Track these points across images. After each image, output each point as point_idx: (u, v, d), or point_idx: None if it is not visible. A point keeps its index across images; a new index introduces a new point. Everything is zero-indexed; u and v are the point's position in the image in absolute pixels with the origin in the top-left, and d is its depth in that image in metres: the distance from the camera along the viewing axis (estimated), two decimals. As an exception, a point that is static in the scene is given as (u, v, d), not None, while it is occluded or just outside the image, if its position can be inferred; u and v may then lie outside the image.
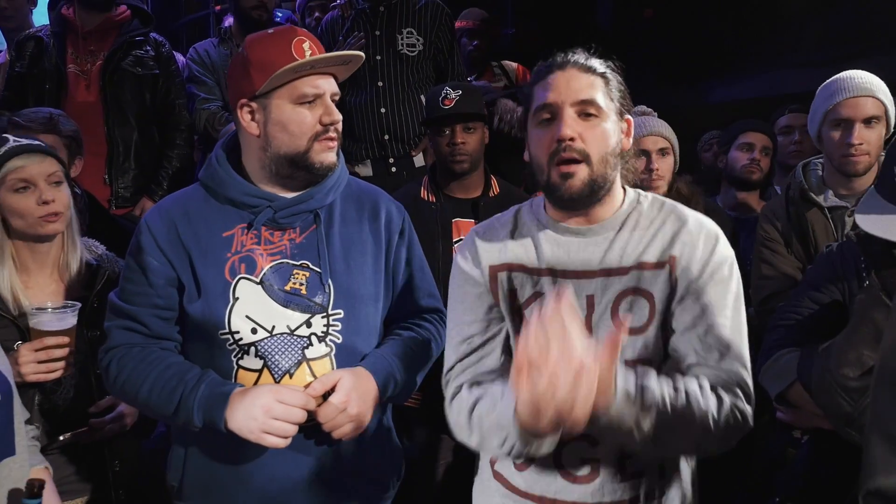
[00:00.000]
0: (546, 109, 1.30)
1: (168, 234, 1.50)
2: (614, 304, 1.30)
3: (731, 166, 2.79)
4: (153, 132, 2.91)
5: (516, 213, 1.44)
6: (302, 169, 1.49)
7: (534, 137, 1.33)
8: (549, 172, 1.29)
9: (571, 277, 1.32)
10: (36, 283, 1.72)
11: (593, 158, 1.27)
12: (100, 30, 2.86)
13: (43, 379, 1.61)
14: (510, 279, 1.36)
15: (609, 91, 1.32)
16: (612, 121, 1.31)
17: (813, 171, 2.14)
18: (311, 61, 1.44)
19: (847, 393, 1.35)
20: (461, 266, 1.41)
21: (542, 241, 1.36)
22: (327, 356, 1.48)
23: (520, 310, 1.36)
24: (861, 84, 2.00)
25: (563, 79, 1.30)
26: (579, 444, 1.30)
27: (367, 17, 3.04)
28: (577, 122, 1.28)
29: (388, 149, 3.04)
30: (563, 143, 1.26)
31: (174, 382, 1.43)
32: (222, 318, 1.45)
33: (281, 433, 1.37)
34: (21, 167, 1.67)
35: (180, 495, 1.55)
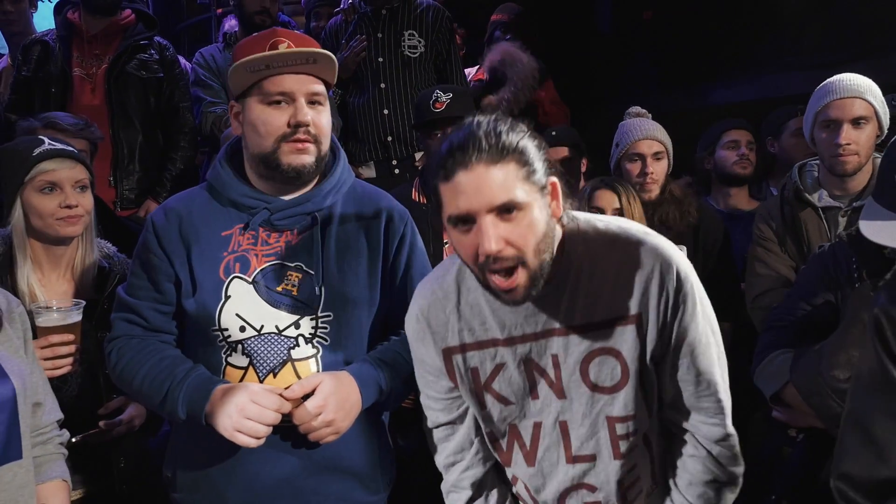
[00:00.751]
0: (461, 220, 1.16)
1: (169, 231, 1.53)
2: (582, 365, 1.26)
3: (720, 165, 2.83)
4: (157, 135, 2.95)
5: (457, 276, 1.33)
6: (272, 169, 1.49)
7: (456, 241, 1.19)
8: (485, 279, 1.19)
9: (531, 341, 1.27)
10: (48, 282, 1.77)
11: (527, 256, 1.15)
12: (105, 34, 2.90)
13: (49, 375, 1.63)
14: (466, 360, 1.32)
15: (527, 170, 1.15)
16: (538, 205, 1.16)
17: (809, 171, 2.17)
18: (269, 55, 1.43)
19: (837, 395, 1.37)
20: (415, 347, 1.38)
21: (491, 306, 1.28)
22: (313, 357, 1.49)
23: (485, 387, 1.32)
24: (849, 86, 2.03)
25: (471, 182, 1.12)
26: (579, 492, 1.33)
27: (370, 20, 3.08)
28: (498, 226, 1.13)
29: (392, 150, 3.07)
30: (491, 258, 1.14)
31: (164, 374, 1.47)
32: (213, 314, 1.48)
33: (252, 433, 1.38)
34: (51, 170, 1.71)
35: (174, 486, 1.58)
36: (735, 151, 2.79)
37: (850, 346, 1.40)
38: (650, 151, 2.45)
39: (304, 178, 1.52)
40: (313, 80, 1.49)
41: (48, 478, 1.46)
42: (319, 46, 1.54)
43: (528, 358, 1.28)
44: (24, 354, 1.44)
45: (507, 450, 1.36)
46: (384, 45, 3.04)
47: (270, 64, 1.45)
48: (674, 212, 2.38)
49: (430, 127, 2.32)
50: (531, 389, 1.30)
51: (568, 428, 1.30)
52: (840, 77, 2.07)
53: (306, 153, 1.48)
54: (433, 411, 1.43)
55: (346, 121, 3.12)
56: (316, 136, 1.49)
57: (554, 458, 1.32)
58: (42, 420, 1.48)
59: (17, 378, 1.34)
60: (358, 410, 1.48)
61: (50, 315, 1.64)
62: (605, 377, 1.25)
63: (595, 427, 1.29)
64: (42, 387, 1.48)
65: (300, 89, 1.47)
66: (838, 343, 1.42)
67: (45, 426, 1.49)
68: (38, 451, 1.46)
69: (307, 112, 1.47)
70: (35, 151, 1.71)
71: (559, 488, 1.34)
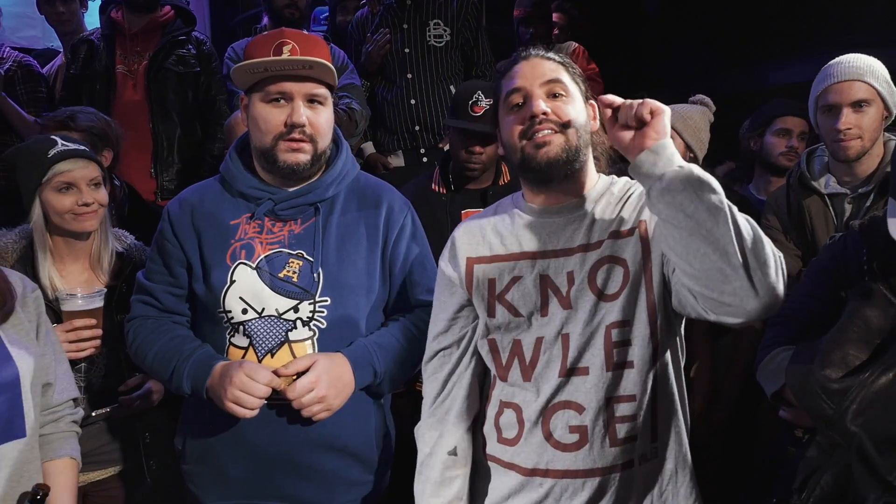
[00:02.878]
0: (516, 93, 1.37)
1: (183, 220, 1.64)
2: (590, 274, 1.34)
3: (766, 152, 2.66)
4: (195, 127, 3.05)
5: (499, 205, 1.51)
6: (272, 164, 1.58)
7: (506, 124, 1.40)
8: (522, 148, 1.36)
9: (551, 257, 1.38)
10: (70, 273, 1.87)
11: (568, 129, 1.35)
12: (145, 31, 3.02)
13: (74, 357, 1.75)
14: (486, 270, 1.42)
15: (572, 76, 1.41)
16: (579, 101, 1.40)
17: (818, 157, 2.11)
18: (267, 61, 1.52)
19: (828, 395, 1.30)
20: (440, 265, 1.50)
21: (520, 224, 1.43)
22: (309, 339, 1.56)
23: (498, 298, 1.41)
24: (847, 69, 1.96)
25: (527, 66, 1.39)
26: (566, 413, 1.34)
27: (395, 11, 3.12)
28: (547, 100, 1.36)
29: (420, 139, 3.11)
30: (538, 118, 1.33)
31: (172, 352, 1.57)
32: (219, 297, 1.57)
33: (246, 404, 1.47)
34: (67, 171, 1.80)
35: (183, 457, 1.69)
36: (785, 141, 2.60)
37: (847, 343, 1.32)
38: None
39: (300, 175, 1.60)
40: (313, 82, 1.56)
41: (57, 455, 1.53)
42: (324, 48, 1.61)
43: (545, 274, 1.37)
44: (36, 338, 1.50)
45: (507, 364, 1.41)
46: (410, 36, 3.09)
47: (269, 68, 1.53)
48: None
49: (461, 132, 2.26)
50: (542, 306, 1.37)
51: (569, 340, 1.34)
52: (839, 59, 2.00)
53: (301, 152, 1.56)
54: (435, 336, 1.49)
55: (375, 111, 3.15)
56: (312, 135, 1.57)
57: (550, 374, 1.36)
58: (53, 399, 1.55)
59: (23, 361, 1.41)
60: (351, 390, 1.54)
61: (74, 301, 1.76)
62: (611, 284, 1.33)
63: (593, 337, 1.33)
64: (54, 368, 1.55)
65: (298, 90, 1.54)
66: (835, 340, 1.34)
67: (56, 405, 1.56)
68: (49, 428, 1.53)
69: (303, 113, 1.54)
70: (50, 153, 1.79)
71: (545, 404, 1.35)
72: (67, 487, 1.52)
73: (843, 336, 1.33)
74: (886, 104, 1.98)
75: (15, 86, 3.08)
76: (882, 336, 1.31)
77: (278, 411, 1.55)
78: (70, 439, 1.58)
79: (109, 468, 1.88)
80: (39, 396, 1.47)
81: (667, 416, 1.36)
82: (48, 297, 1.78)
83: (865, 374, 1.27)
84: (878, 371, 1.26)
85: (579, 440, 1.33)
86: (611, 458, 1.32)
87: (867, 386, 1.26)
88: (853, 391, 1.26)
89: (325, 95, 1.58)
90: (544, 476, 1.35)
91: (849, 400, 1.26)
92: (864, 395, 1.26)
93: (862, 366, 1.30)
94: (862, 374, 1.27)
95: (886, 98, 1.97)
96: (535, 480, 1.36)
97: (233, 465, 1.60)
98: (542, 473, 1.35)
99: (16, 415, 1.38)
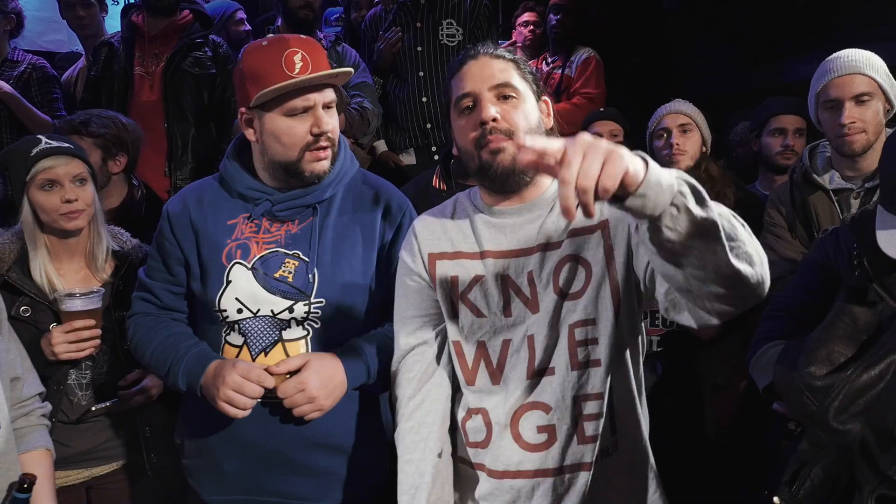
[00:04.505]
0: (466, 98, 1.36)
1: (181, 219, 1.66)
2: (553, 274, 1.33)
3: (765, 152, 2.69)
4: (210, 128, 3.10)
5: (455, 200, 1.50)
6: (294, 176, 1.59)
7: (458, 128, 1.39)
8: (478, 156, 1.35)
9: (510, 257, 1.37)
10: (67, 271, 1.90)
11: (517, 134, 1.32)
12: (164, 34, 3.08)
13: (74, 357, 1.79)
14: (448, 267, 1.42)
15: (523, 74, 1.38)
16: (530, 101, 1.37)
17: (821, 153, 2.09)
18: (297, 82, 1.50)
19: (811, 392, 1.31)
20: (403, 258, 1.49)
21: (479, 224, 1.42)
22: (303, 339, 1.58)
23: (461, 297, 1.40)
24: (847, 63, 1.93)
25: (476, 67, 1.37)
26: (534, 413, 1.34)
27: (409, 9, 3.17)
28: (496, 104, 1.34)
29: (431, 137, 3.16)
30: (488, 126, 1.31)
31: (169, 349, 1.60)
32: (215, 297, 1.59)
33: (237, 404, 1.49)
34: (49, 168, 1.81)
35: (182, 452, 1.72)
36: (780, 140, 2.63)
37: (833, 340, 1.31)
38: (675, 124, 2.44)
39: (322, 180, 1.61)
40: (328, 89, 1.58)
41: (31, 447, 1.56)
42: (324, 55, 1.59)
43: (505, 274, 1.37)
44: (0, 334, 1.52)
45: (473, 367, 1.40)
46: (423, 35, 3.13)
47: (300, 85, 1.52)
48: (708, 191, 2.24)
49: None
50: (505, 307, 1.37)
51: (534, 341, 1.34)
52: (838, 54, 1.97)
53: (326, 160, 1.59)
54: (406, 335, 1.47)
55: (387, 109, 3.17)
56: (333, 140, 1.59)
57: (517, 376, 1.36)
58: (23, 393, 1.57)
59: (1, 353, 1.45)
60: (343, 390, 1.54)
61: (73, 302, 1.78)
62: (572, 283, 1.32)
63: (556, 336, 1.33)
64: (20, 363, 1.58)
65: (319, 100, 1.55)
66: (821, 336, 1.33)
67: (25, 398, 1.58)
68: (21, 422, 1.56)
69: (328, 121, 1.56)
70: (33, 151, 1.81)
71: (514, 406, 1.35)
72: (46, 476, 1.54)
73: (830, 333, 1.33)
74: (888, 96, 1.95)
75: (30, 87, 3.17)
76: (869, 333, 1.31)
77: (272, 409, 1.57)
78: (42, 431, 1.60)
79: (112, 463, 1.92)
80: (8, 391, 1.49)
81: (625, 410, 1.36)
82: (46, 298, 1.81)
83: (848, 372, 1.27)
84: (861, 368, 1.26)
85: (548, 439, 1.33)
86: (579, 456, 1.33)
87: (849, 383, 1.26)
88: (836, 388, 1.27)
89: (335, 100, 1.60)
90: (514, 478, 1.35)
91: (831, 397, 1.26)
92: (847, 393, 1.26)
93: (846, 363, 1.30)
94: (845, 371, 1.28)
95: (887, 90, 1.94)
96: (504, 483, 1.36)
97: (228, 460, 1.62)
98: (512, 475, 1.36)
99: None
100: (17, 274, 1.81)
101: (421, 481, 1.40)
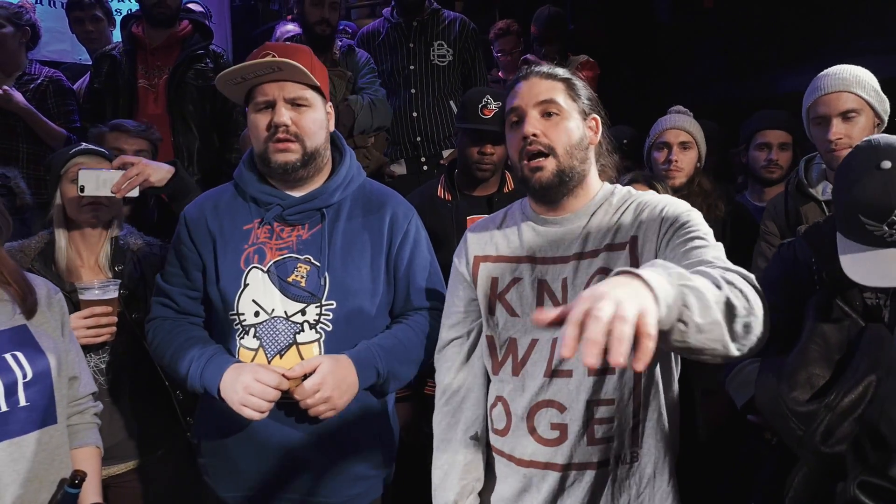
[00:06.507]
0: (513, 113, 1.47)
1: (198, 225, 1.72)
2: (586, 284, 1.41)
3: (751, 165, 2.76)
4: (213, 139, 3.13)
5: (508, 209, 1.60)
6: (267, 167, 1.68)
7: (509, 140, 1.50)
8: (521, 168, 1.45)
9: (549, 263, 1.46)
10: (86, 263, 1.99)
11: (558, 151, 1.41)
12: (165, 45, 3.10)
13: (92, 342, 1.86)
14: (490, 269, 1.52)
15: (571, 93, 1.46)
16: (575, 119, 1.45)
17: (816, 165, 2.15)
18: (235, 68, 1.62)
19: (797, 418, 1.35)
20: (454, 259, 1.60)
21: (524, 230, 1.52)
22: (316, 342, 1.63)
23: (498, 297, 1.49)
24: (834, 81, 1.99)
25: (526, 86, 1.46)
26: (549, 411, 1.42)
27: (402, 30, 3.32)
28: (539, 121, 1.43)
29: (420, 149, 3.32)
30: (528, 139, 1.41)
31: (188, 353, 1.65)
32: (232, 300, 1.65)
33: (256, 407, 1.53)
34: (80, 163, 1.95)
35: (200, 452, 1.77)
36: (765, 154, 2.68)
37: (810, 363, 1.36)
38: (676, 140, 2.51)
39: (294, 175, 1.67)
40: (293, 85, 1.64)
41: (83, 444, 1.62)
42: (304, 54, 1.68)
43: (542, 279, 1.45)
44: (62, 335, 1.59)
45: (501, 361, 1.50)
46: (415, 54, 3.29)
47: (245, 76, 1.62)
48: (700, 204, 2.35)
49: (473, 134, 2.33)
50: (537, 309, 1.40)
51: (557, 344, 1.37)
52: (827, 72, 2.04)
53: (289, 151, 1.64)
54: (447, 328, 1.59)
55: None
56: (297, 134, 1.64)
57: (536, 372, 1.44)
58: (79, 391, 1.64)
59: (52, 354, 1.50)
60: (355, 390, 1.61)
61: (92, 291, 1.86)
62: None
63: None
64: (78, 363, 1.64)
65: (278, 95, 1.63)
66: (798, 360, 1.38)
67: (81, 397, 1.65)
68: (75, 419, 1.62)
69: (283, 113, 1.63)
70: (72, 150, 1.98)
71: (533, 402, 1.43)
72: (95, 473, 1.61)
73: (806, 356, 1.38)
74: (876, 112, 2.00)
75: (46, 100, 3.21)
76: (841, 351, 1.37)
77: (287, 410, 1.63)
78: (93, 429, 1.67)
79: (129, 462, 1.97)
80: (66, 388, 1.57)
81: (652, 424, 1.43)
82: (65, 288, 1.87)
83: (830, 398, 1.33)
84: (841, 394, 1.32)
85: (559, 436, 1.41)
86: (587, 456, 1.41)
87: (832, 410, 1.32)
88: (821, 415, 1.32)
89: (307, 97, 1.65)
90: (528, 466, 1.45)
91: (816, 422, 1.32)
92: (832, 419, 1.32)
93: (825, 386, 1.36)
94: (827, 397, 1.33)
95: (875, 106, 1.99)
96: (519, 470, 1.46)
97: (244, 460, 1.67)
98: (526, 464, 1.45)
99: (49, 403, 1.47)
100: (40, 265, 1.91)
101: (454, 459, 1.53)
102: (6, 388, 1.39)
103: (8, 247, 1.83)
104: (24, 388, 1.42)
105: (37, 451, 1.43)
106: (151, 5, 3.03)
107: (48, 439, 1.47)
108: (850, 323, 1.40)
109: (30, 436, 1.42)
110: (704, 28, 4.11)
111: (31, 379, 1.43)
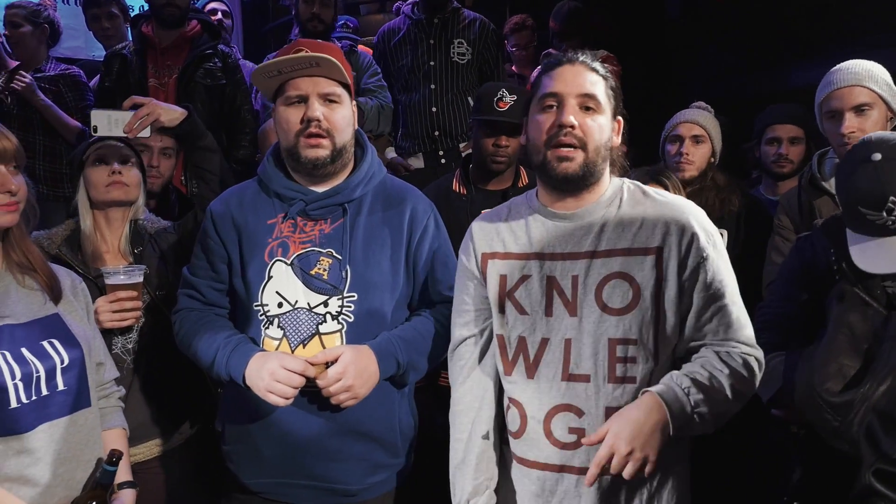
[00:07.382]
0: (551, 97, 1.43)
1: (224, 219, 1.75)
2: (598, 286, 1.40)
3: (763, 160, 2.77)
4: (221, 136, 3.14)
5: (511, 203, 1.59)
6: (296, 162, 1.70)
7: (535, 121, 1.47)
8: (545, 154, 1.43)
9: (559, 259, 1.45)
10: (110, 248, 2.03)
11: (589, 146, 1.41)
12: (174, 45, 3.12)
13: (117, 325, 1.88)
14: (498, 266, 1.51)
15: (608, 91, 1.46)
16: (607, 117, 1.45)
17: (830, 159, 2.15)
18: (274, 62, 1.64)
19: (832, 409, 1.36)
20: (460, 257, 1.60)
21: (532, 224, 1.50)
22: (338, 332, 1.67)
23: (507, 295, 1.49)
24: (847, 75, 2.00)
25: (570, 72, 1.44)
26: (567, 415, 1.42)
27: (423, 26, 3.36)
28: (578, 112, 1.41)
29: (439, 143, 3.35)
30: (565, 129, 1.40)
31: (214, 342, 1.68)
32: (257, 292, 1.68)
33: (281, 394, 1.56)
34: (101, 146, 1.99)
35: (223, 439, 1.80)
36: (774, 149, 2.68)
37: (839, 353, 1.37)
38: (689, 134, 2.53)
39: (323, 170, 1.70)
40: (325, 81, 1.67)
41: (111, 426, 1.69)
42: (336, 51, 1.72)
43: (551, 275, 1.44)
44: (88, 322, 1.66)
45: (512, 360, 1.49)
46: (435, 51, 3.33)
47: (282, 69, 1.65)
48: (713, 198, 2.37)
49: (488, 125, 2.36)
50: (547, 306, 1.44)
51: (571, 346, 1.42)
52: (839, 66, 2.05)
53: (320, 147, 1.67)
54: (460, 326, 1.59)
55: (397, 117, 3.41)
56: (329, 130, 1.67)
57: (551, 374, 1.43)
58: (105, 377, 1.70)
59: (83, 340, 1.57)
60: (376, 380, 1.63)
61: (117, 276, 1.88)
62: (616, 300, 1.39)
63: (596, 347, 1.39)
64: (103, 350, 1.71)
65: (312, 90, 1.66)
66: (827, 351, 1.39)
67: (107, 382, 1.71)
68: (102, 402, 1.68)
69: (317, 108, 1.65)
70: (93, 138, 2.02)
71: (549, 405, 1.43)
72: (125, 452, 1.66)
73: (834, 347, 1.39)
74: (889, 106, 2.01)
75: (63, 95, 3.25)
76: (868, 341, 1.37)
77: (309, 398, 1.65)
78: (119, 412, 1.74)
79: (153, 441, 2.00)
80: (95, 373, 1.63)
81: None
82: (90, 273, 1.92)
83: (865, 388, 1.35)
84: (875, 383, 1.34)
85: (576, 440, 1.41)
86: None
87: (868, 399, 1.34)
88: (856, 404, 1.34)
89: (339, 94, 1.69)
90: (542, 469, 1.44)
91: (853, 412, 1.34)
92: (867, 407, 1.33)
93: (858, 375, 1.38)
94: (861, 386, 1.35)
95: (888, 100, 2.00)
96: (533, 473, 1.46)
97: (267, 446, 1.70)
98: (540, 467, 1.45)
99: (83, 387, 1.54)
100: (66, 250, 1.94)
101: (467, 457, 1.53)
102: (47, 374, 1.46)
103: (35, 235, 1.86)
104: (62, 373, 1.49)
105: (74, 433, 1.50)
106: (161, 5, 3.04)
107: (84, 421, 1.53)
108: (873, 312, 1.41)
109: (67, 418, 1.49)
110: (714, 22, 4.08)
111: (67, 364, 1.50)
